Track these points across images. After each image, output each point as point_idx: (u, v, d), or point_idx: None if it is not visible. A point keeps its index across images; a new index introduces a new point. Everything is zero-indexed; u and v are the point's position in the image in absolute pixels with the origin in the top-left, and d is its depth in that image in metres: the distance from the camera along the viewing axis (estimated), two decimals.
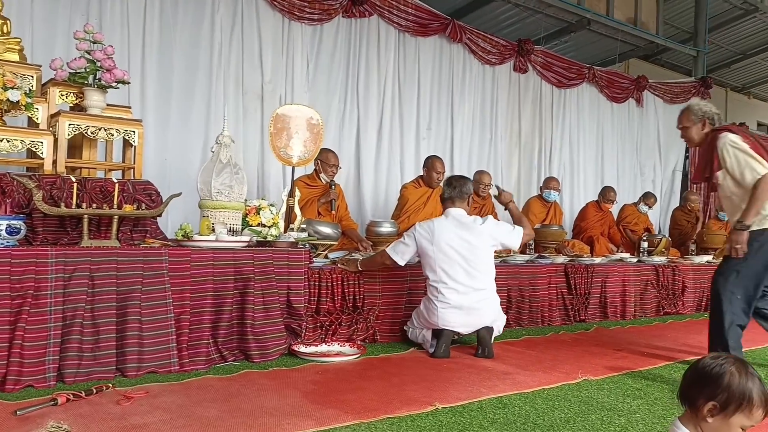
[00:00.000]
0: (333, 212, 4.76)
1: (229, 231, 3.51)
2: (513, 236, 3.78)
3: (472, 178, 5.91)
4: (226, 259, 3.27)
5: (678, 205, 9.02)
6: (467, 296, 3.60)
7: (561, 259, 5.27)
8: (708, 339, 3.59)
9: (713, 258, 6.81)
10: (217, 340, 3.21)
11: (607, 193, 6.86)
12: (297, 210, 3.93)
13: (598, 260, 5.55)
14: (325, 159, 4.79)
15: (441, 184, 5.28)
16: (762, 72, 14.06)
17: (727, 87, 14.13)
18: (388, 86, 6.29)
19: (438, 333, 3.68)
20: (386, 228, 4.78)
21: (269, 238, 3.60)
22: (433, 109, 6.70)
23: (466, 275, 3.61)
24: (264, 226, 3.68)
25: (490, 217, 3.90)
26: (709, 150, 3.48)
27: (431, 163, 5.26)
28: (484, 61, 7.07)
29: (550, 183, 6.44)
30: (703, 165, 3.60)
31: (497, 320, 3.80)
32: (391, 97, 6.32)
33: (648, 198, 7.47)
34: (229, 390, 2.78)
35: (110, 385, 2.67)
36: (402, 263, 3.76)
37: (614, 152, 8.65)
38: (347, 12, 5.93)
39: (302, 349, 3.48)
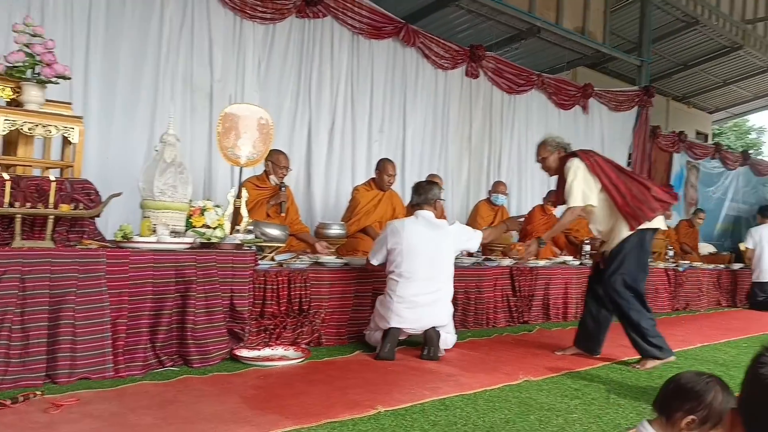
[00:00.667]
0: (283, 214, 4.72)
1: (172, 232, 3.43)
2: (474, 240, 4.04)
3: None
4: (167, 261, 3.19)
5: None
6: (423, 292, 3.70)
7: (507, 261, 5.37)
8: (629, 340, 3.90)
9: (652, 260, 7.06)
10: (156, 345, 3.13)
11: (552, 198, 7.02)
12: (244, 211, 3.88)
13: (542, 263, 5.67)
14: (276, 160, 4.75)
15: (392, 186, 5.35)
16: (701, 82, 14.68)
17: (669, 96, 14.69)
18: (341, 88, 6.27)
19: (385, 333, 3.69)
20: (335, 230, 4.77)
21: (213, 240, 3.54)
22: (386, 111, 6.71)
23: (426, 273, 3.72)
24: (209, 227, 3.61)
25: (457, 221, 4.10)
26: (563, 175, 3.91)
27: (383, 165, 5.27)
28: (436, 65, 7.14)
29: (498, 187, 6.55)
30: (561, 189, 3.94)
31: (448, 325, 3.87)
32: (344, 99, 6.30)
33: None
34: (165, 396, 2.72)
35: (39, 393, 2.57)
36: (375, 263, 3.88)
37: None
38: (301, 12, 5.88)
39: (245, 353, 3.43)
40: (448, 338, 3.89)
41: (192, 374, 3.09)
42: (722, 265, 8.23)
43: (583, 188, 3.79)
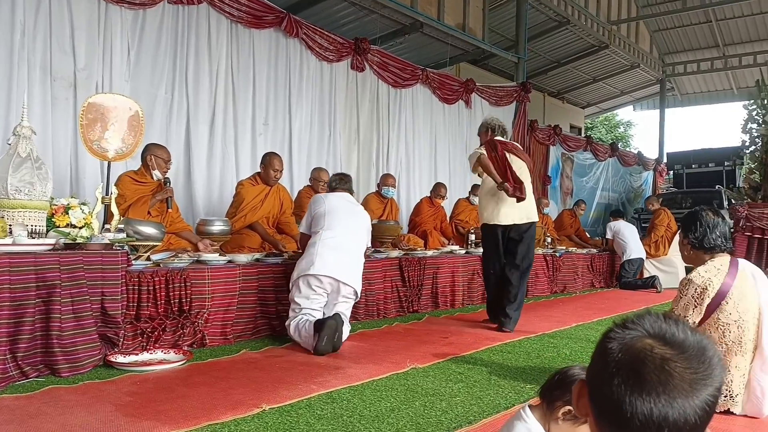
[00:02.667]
0: (170, 210, 4.45)
1: (31, 233, 3.13)
2: (370, 236, 4.40)
3: (311, 174, 5.92)
4: (25, 264, 2.90)
5: None
6: (343, 240, 3.99)
7: (396, 253, 5.43)
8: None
9: None
10: (17, 355, 2.85)
11: (438, 189, 7.20)
12: (114, 209, 3.62)
13: (430, 253, 5.80)
14: (159, 153, 4.46)
15: (279, 181, 5.20)
16: (574, 79, 15.69)
17: (545, 92, 15.59)
18: (221, 78, 6.01)
19: (320, 326, 3.63)
20: (218, 226, 4.59)
21: (80, 240, 3.27)
22: (270, 103, 6.54)
23: (346, 227, 4.06)
24: (74, 227, 3.33)
25: None
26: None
27: (269, 160, 5.09)
28: (321, 57, 7.06)
29: (387, 180, 6.60)
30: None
31: (358, 291, 4.06)
32: (224, 89, 6.05)
33: (477, 189, 7.99)
34: (27, 410, 2.48)
35: None
36: (304, 230, 4.20)
37: (446, 151, 9.11)
38: None
39: (119, 359, 3.21)
40: (344, 330, 3.88)
41: (60, 384, 2.85)
42: (595, 250, 8.86)
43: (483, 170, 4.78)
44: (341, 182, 4.38)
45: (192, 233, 4.63)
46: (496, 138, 4.92)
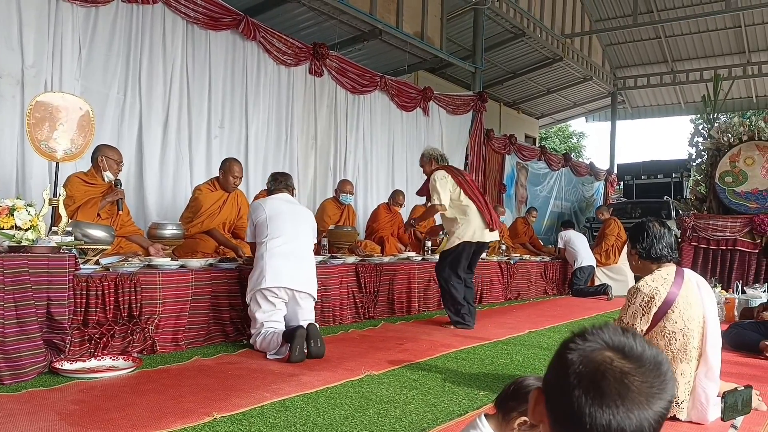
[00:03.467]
0: (120, 212, 4.32)
1: None
2: (315, 234, 4.29)
3: (268, 178, 5.84)
4: None
5: None
6: (292, 246, 3.91)
7: (352, 259, 5.42)
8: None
9: (486, 255, 7.55)
10: None
11: (396, 197, 7.24)
12: (62, 211, 3.50)
13: (387, 259, 5.81)
14: (110, 155, 4.32)
15: (238, 186, 5.11)
16: (529, 90, 16.03)
17: (501, 102, 15.86)
18: (176, 80, 5.88)
19: (289, 336, 3.60)
20: (170, 230, 4.49)
21: (25, 243, 3.15)
22: (226, 106, 6.44)
23: (292, 231, 3.97)
24: (19, 229, 3.21)
25: None
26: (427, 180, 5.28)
27: (229, 166, 4.97)
28: (279, 61, 7.00)
29: (345, 187, 6.57)
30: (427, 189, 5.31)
31: (314, 295, 4.04)
32: (179, 91, 5.93)
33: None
34: None
35: None
36: (249, 240, 4.14)
37: (404, 158, 9.15)
38: None
39: (66, 366, 3.10)
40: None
41: (1, 392, 2.74)
42: (548, 257, 9.04)
43: (441, 191, 5.13)
44: (277, 182, 4.26)
45: (143, 237, 4.51)
46: (448, 165, 5.37)
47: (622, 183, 16.45)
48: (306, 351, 3.62)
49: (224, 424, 2.46)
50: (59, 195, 3.50)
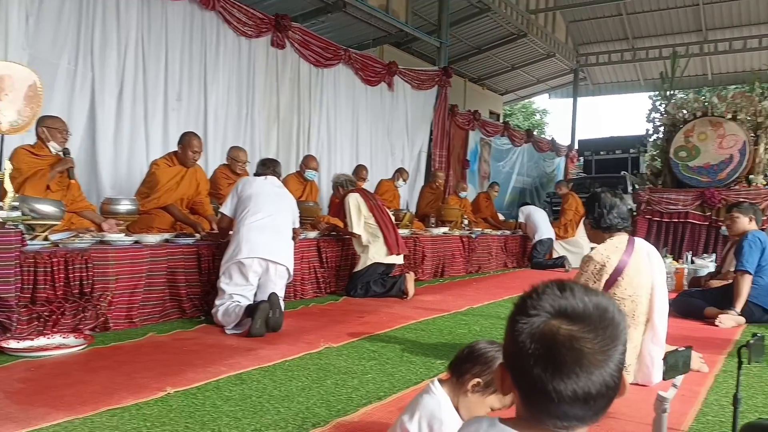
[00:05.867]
0: (73, 180, 4.17)
1: None
2: (298, 219, 4.37)
3: (228, 153, 5.76)
4: None
5: (424, 183, 9.91)
6: (269, 221, 3.92)
7: (314, 234, 5.39)
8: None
9: (449, 229, 7.61)
10: None
11: (359, 172, 7.20)
12: (8, 185, 3.37)
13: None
14: (52, 124, 4.15)
15: (197, 161, 5.00)
16: (493, 66, 16.05)
17: (466, 78, 15.84)
18: (130, 50, 5.68)
19: (252, 310, 3.59)
20: (125, 206, 4.39)
21: None
22: (184, 78, 6.26)
23: (271, 208, 3.98)
24: None
25: None
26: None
27: (188, 140, 4.83)
28: (239, 32, 6.82)
29: (310, 163, 6.47)
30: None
31: (291, 269, 4.06)
32: (134, 61, 5.73)
33: (402, 173, 8.13)
34: None
35: None
36: (227, 212, 4.08)
37: (368, 133, 9.09)
38: None
39: (12, 344, 3.02)
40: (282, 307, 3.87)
41: None
42: (508, 231, 9.16)
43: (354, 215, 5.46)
44: (265, 168, 4.31)
45: (95, 213, 4.39)
46: (361, 189, 5.71)
47: (582, 159, 16.69)
48: (271, 314, 3.62)
49: (178, 398, 2.43)
50: (4, 169, 3.37)
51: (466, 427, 0.96)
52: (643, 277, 2.81)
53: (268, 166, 4.33)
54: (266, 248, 3.86)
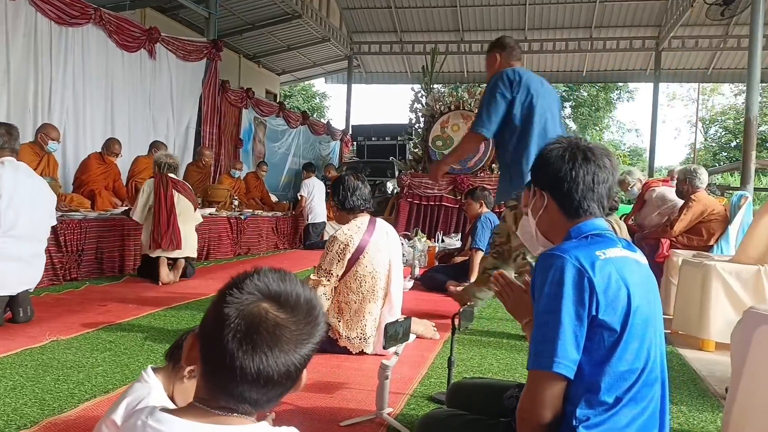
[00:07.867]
0: None
1: None
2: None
3: None
4: None
5: (192, 160, 9.40)
6: (28, 246, 3.34)
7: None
8: None
9: (216, 210, 7.34)
10: None
11: (111, 146, 6.54)
12: None
13: (94, 215, 5.23)
14: None
15: None
16: (269, 44, 15.84)
17: (241, 54, 15.41)
18: None
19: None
20: None
21: None
22: None
23: (29, 224, 3.30)
24: None
25: None
26: None
27: None
28: None
29: (51, 133, 5.66)
30: None
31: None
32: None
33: (159, 146, 7.46)
34: None
35: None
36: None
37: (126, 103, 8.27)
38: None
39: None
40: None
41: None
42: (281, 213, 9.15)
43: None
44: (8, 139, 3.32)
45: None
46: (168, 174, 5.14)
47: (355, 143, 17.39)
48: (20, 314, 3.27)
49: None
50: None
51: (127, 419, 0.94)
52: (382, 254, 2.97)
53: (14, 137, 3.41)
54: (19, 282, 3.35)
